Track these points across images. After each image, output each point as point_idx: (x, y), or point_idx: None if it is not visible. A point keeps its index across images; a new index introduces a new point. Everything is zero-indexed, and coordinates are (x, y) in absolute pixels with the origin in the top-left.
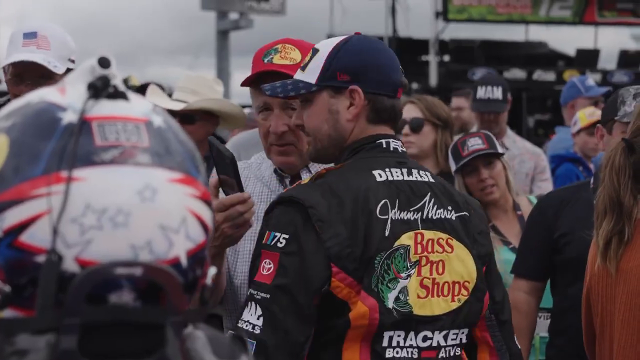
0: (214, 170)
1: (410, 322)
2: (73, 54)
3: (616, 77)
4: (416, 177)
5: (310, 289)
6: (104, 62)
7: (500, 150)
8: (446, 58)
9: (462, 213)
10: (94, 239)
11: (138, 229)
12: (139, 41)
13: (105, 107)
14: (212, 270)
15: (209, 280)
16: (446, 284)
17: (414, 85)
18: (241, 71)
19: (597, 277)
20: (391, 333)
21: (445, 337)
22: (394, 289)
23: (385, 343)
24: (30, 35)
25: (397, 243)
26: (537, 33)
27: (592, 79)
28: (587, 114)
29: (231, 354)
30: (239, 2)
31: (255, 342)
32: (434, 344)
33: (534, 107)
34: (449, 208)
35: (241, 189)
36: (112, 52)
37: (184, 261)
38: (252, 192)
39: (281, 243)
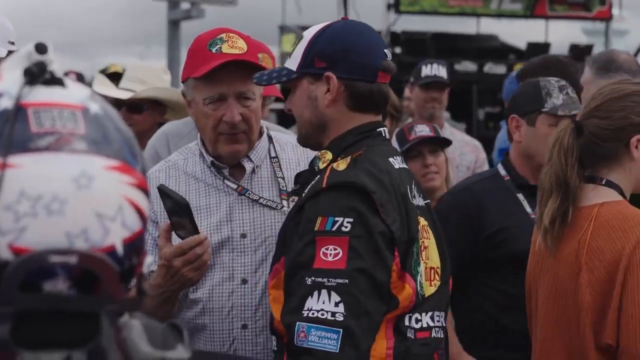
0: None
1: (423, 304)
2: (12, 36)
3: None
4: (405, 166)
5: (386, 268)
6: (40, 48)
7: (446, 139)
8: (398, 50)
9: (427, 200)
10: (29, 227)
11: (73, 216)
12: (90, 31)
13: (41, 94)
14: (148, 259)
15: (145, 269)
16: (430, 269)
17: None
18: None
19: (534, 259)
20: (411, 314)
21: (432, 318)
22: (419, 273)
23: (406, 322)
24: None
25: (419, 227)
26: (488, 26)
27: None
28: None
29: (167, 343)
30: None
31: (341, 329)
32: (423, 325)
33: (485, 100)
34: (421, 195)
35: (196, 231)
36: (63, 42)
37: (120, 249)
38: (187, 190)
39: (346, 227)
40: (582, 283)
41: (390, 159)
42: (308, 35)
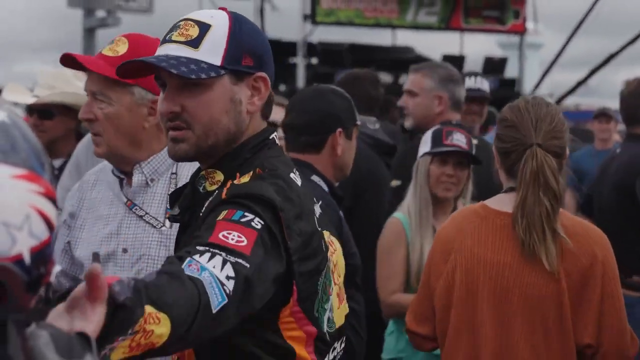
0: None
1: (332, 339)
2: None
3: None
4: (302, 181)
5: (262, 296)
6: None
7: (477, 159)
8: (314, 60)
9: (319, 202)
10: None
11: None
12: (5, 38)
13: None
14: (56, 268)
15: (52, 278)
16: (340, 285)
17: (282, 87)
18: None
19: (482, 270)
20: (326, 358)
21: (340, 344)
22: (327, 310)
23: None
24: None
25: (328, 254)
26: (404, 38)
27: None
28: None
29: (75, 352)
30: (107, 0)
31: (225, 300)
32: (336, 353)
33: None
34: (314, 200)
35: None
36: None
37: (27, 258)
38: (98, 196)
39: (257, 225)
40: (563, 288)
41: (292, 175)
42: (219, 22)
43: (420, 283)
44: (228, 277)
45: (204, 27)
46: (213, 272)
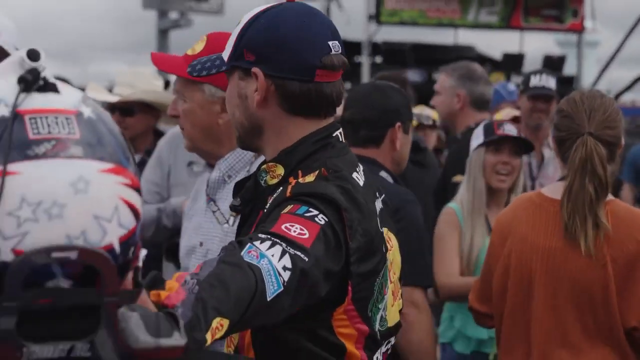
0: None
1: (382, 337)
2: (16, 42)
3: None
4: (365, 179)
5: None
6: (33, 55)
7: (530, 143)
8: (378, 60)
9: (382, 196)
10: (30, 231)
11: (73, 219)
12: (82, 39)
13: (37, 100)
14: (143, 252)
15: (140, 262)
16: (396, 283)
17: (347, 85)
18: None
19: (535, 257)
20: (377, 354)
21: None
22: (380, 310)
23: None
24: None
25: (387, 255)
26: (465, 37)
27: (513, 84)
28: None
29: (164, 331)
30: (179, 1)
31: (281, 289)
32: (390, 346)
33: None
34: (377, 195)
35: None
36: (55, 49)
37: (117, 247)
38: (200, 190)
39: (320, 221)
40: (609, 273)
41: (355, 175)
42: (243, 20)
43: (483, 264)
44: (285, 268)
45: (237, 24)
46: (272, 260)
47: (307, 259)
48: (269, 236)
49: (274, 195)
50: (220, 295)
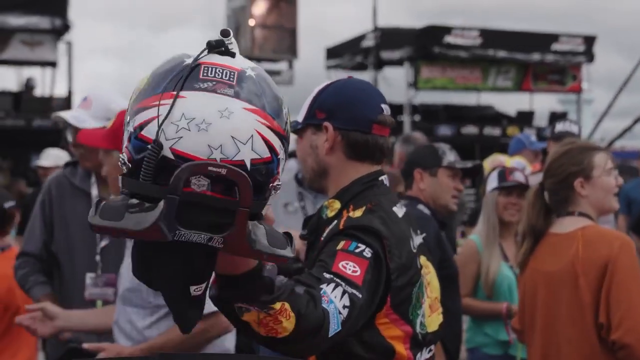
0: None
1: (424, 342)
2: (114, 113)
3: (547, 132)
4: (405, 210)
5: (369, 311)
6: (224, 33)
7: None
8: (417, 118)
9: (423, 234)
10: (184, 137)
11: (215, 134)
12: None
13: (214, 58)
14: (277, 181)
15: (276, 184)
16: (434, 300)
17: (392, 139)
18: None
19: (528, 280)
20: (419, 355)
21: (434, 346)
22: (419, 315)
23: None
24: (83, 99)
25: (422, 272)
26: (486, 98)
27: (533, 136)
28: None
29: (280, 244)
30: None
31: (340, 329)
32: (432, 352)
33: (485, 156)
34: (418, 232)
35: None
36: None
37: (248, 165)
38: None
39: (367, 254)
40: (581, 285)
41: (394, 208)
42: (315, 90)
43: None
44: (344, 306)
45: (310, 95)
46: (336, 303)
47: (360, 296)
48: (332, 276)
49: (330, 226)
50: (299, 302)
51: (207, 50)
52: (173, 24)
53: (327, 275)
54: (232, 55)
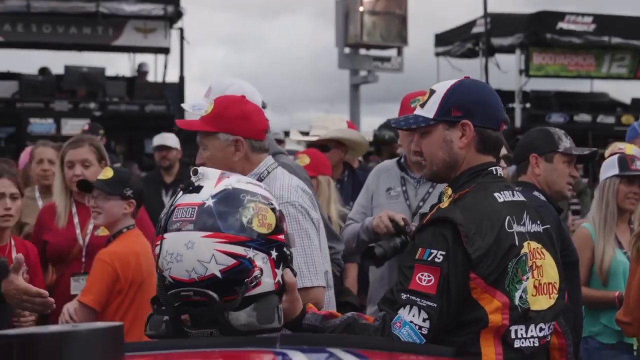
0: None
1: (527, 317)
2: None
3: None
4: (517, 198)
5: (459, 294)
6: (194, 171)
7: None
8: (528, 105)
9: (546, 226)
10: (171, 267)
11: (187, 262)
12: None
13: (185, 198)
14: (257, 270)
15: (255, 274)
16: (545, 285)
17: (504, 127)
18: (369, 116)
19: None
20: (516, 327)
21: (548, 328)
22: (519, 289)
23: (512, 335)
24: (208, 90)
25: (522, 251)
26: (600, 86)
27: None
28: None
29: (267, 319)
30: (368, 62)
31: (424, 340)
32: (545, 333)
33: (598, 145)
34: (538, 222)
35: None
36: (268, 101)
37: (219, 275)
38: None
39: (438, 259)
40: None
41: (496, 194)
42: (441, 89)
43: (627, 282)
44: (424, 320)
45: (432, 93)
46: (414, 321)
47: (435, 305)
48: (408, 296)
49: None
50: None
51: (181, 192)
52: (283, 12)
53: (404, 297)
54: (197, 190)
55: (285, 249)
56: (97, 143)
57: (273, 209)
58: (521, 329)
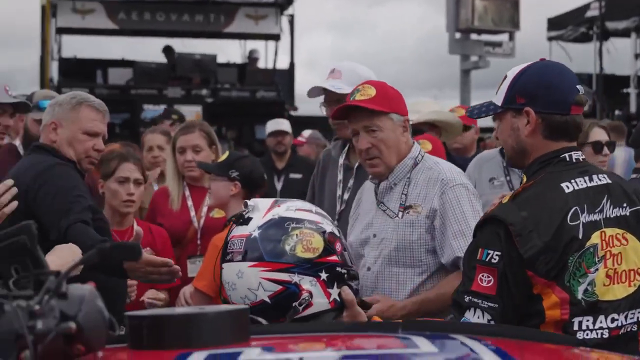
0: None
1: (596, 309)
2: (366, 80)
3: None
4: (596, 182)
5: (519, 293)
6: (244, 204)
7: None
8: None
9: (636, 207)
10: (230, 294)
11: (240, 290)
12: (399, 80)
13: (237, 230)
14: (305, 293)
15: (304, 297)
16: (624, 272)
17: (617, 112)
18: (480, 102)
19: None
20: (580, 319)
21: (625, 317)
22: (583, 283)
23: (575, 327)
24: (330, 72)
25: (588, 243)
26: None
27: None
28: None
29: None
30: (479, 47)
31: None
32: (619, 324)
33: None
34: (624, 205)
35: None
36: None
37: (268, 301)
38: (366, 198)
39: (495, 259)
40: None
41: (564, 184)
42: (511, 74)
43: None
44: (489, 321)
45: (504, 79)
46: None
47: (497, 305)
48: (470, 298)
49: None
50: None
51: (234, 225)
52: None
53: (467, 299)
54: (247, 222)
55: (339, 268)
56: (207, 128)
57: (322, 232)
58: (587, 321)
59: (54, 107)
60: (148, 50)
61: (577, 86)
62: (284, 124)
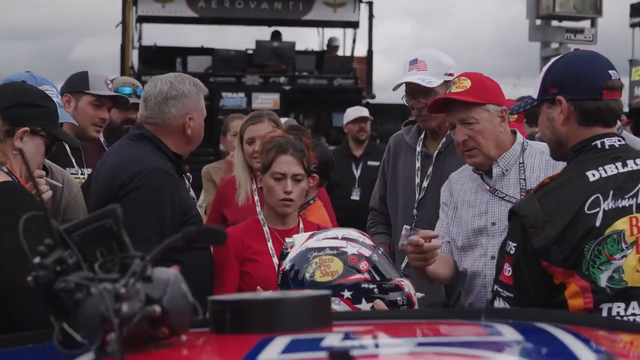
0: None
1: (627, 295)
2: (450, 69)
3: None
4: (632, 167)
5: (535, 283)
6: (286, 244)
7: None
8: None
9: None
10: None
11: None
12: (474, 67)
13: (280, 265)
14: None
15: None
16: None
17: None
18: None
19: None
20: (609, 305)
21: None
22: (606, 270)
23: (605, 314)
24: (412, 62)
25: (608, 230)
26: None
27: None
28: None
29: None
30: (560, 34)
31: None
32: None
33: None
34: None
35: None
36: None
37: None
38: (466, 188)
39: (512, 250)
40: None
41: (590, 172)
42: (545, 67)
43: None
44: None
45: (541, 70)
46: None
47: (513, 295)
48: (497, 288)
49: None
50: None
51: (280, 257)
52: None
53: (495, 288)
54: (284, 257)
55: (365, 285)
56: (275, 118)
57: (341, 254)
58: (619, 307)
59: (182, 100)
60: (227, 38)
61: (609, 71)
62: (365, 111)
